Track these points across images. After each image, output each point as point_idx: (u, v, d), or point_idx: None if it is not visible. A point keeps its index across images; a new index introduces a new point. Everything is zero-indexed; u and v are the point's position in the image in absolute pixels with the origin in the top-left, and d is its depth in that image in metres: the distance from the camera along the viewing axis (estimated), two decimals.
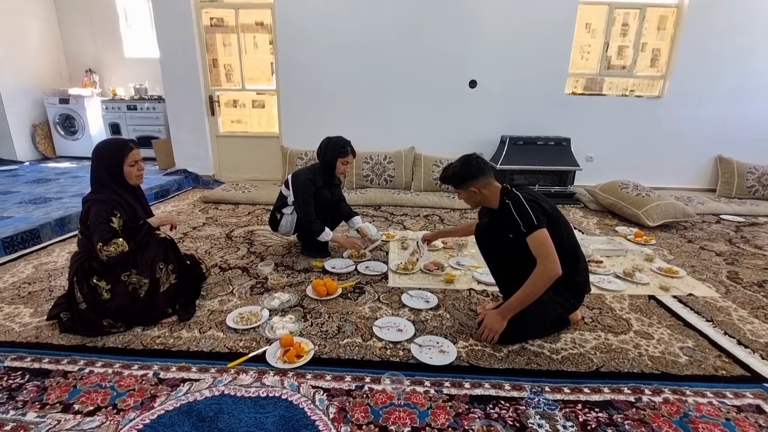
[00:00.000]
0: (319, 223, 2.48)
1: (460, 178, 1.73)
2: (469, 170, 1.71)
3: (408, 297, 2.09)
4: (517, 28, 4.35)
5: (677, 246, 3.02)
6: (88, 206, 1.74)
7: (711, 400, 1.42)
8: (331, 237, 2.53)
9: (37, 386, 1.42)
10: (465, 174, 1.71)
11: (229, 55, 4.81)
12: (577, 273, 1.72)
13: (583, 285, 1.77)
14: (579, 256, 1.73)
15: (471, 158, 1.74)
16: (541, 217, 1.57)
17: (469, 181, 1.71)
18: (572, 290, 1.73)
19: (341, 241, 2.66)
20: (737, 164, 4.52)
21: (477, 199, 1.76)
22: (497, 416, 1.32)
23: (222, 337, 1.73)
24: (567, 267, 1.62)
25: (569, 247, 1.68)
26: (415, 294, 2.12)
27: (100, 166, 1.78)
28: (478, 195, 1.73)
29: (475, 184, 1.71)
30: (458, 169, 1.73)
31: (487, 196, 1.73)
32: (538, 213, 1.57)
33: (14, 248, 2.64)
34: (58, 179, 4.41)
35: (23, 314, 1.89)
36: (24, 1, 5.34)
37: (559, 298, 1.69)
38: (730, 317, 1.98)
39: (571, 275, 1.66)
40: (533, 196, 1.65)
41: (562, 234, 1.65)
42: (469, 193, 1.74)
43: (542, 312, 1.69)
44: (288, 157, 4.54)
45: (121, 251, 1.68)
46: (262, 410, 1.32)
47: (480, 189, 1.71)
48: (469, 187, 1.72)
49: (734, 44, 4.39)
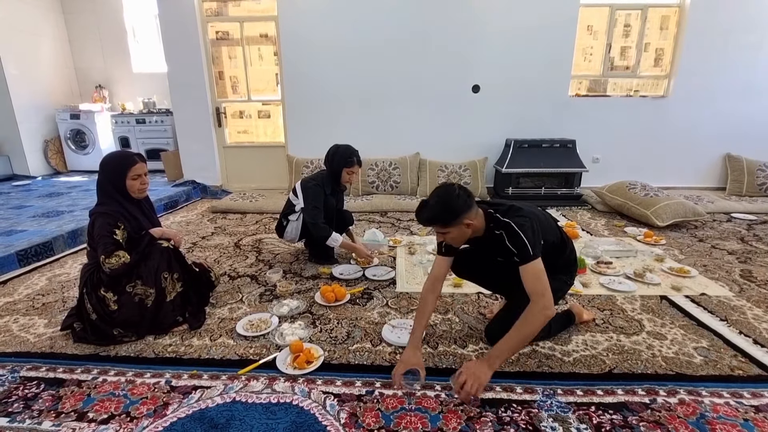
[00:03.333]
0: (327, 228, 2.48)
1: (453, 215, 1.44)
2: (459, 204, 1.44)
3: (389, 330, 1.82)
4: (519, 31, 4.38)
5: (688, 245, 2.98)
6: (93, 219, 1.78)
7: (728, 401, 1.39)
8: (341, 242, 2.52)
9: (52, 395, 1.44)
10: (457, 208, 1.43)
11: (235, 67, 4.90)
12: (568, 253, 1.72)
13: (575, 261, 1.76)
14: (565, 239, 1.71)
15: (453, 189, 1.46)
16: (538, 245, 1.42)
17: (463, 215, 1.44)
18: (565, 270, 1.72)
19: (350, 247, 2.63)
20: (746, 162, 4.47)
21: (467, 234, 1.52)
22: (509, 420, 1.31)
23: (232, 345, 1.74)
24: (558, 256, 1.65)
25: (556, 237, 1.65)
26: (398, 324, 1.86)
27: (105, 178, 1.81)
28: (470, 229, 1.49)
29: (468, 216, 1.46)
30: (446, 205, 1.44)
31: (477, 227, 1.51)
32: (533, 241, 1.41)
33: (28, 261, 2.69)
34: (70, 193, 4.50)
35: (38, 325, 1.92)
36: (36, 21, 5.50)
37: (555, 282, 1.52)
38: (745, 316, 1.95)
39: (565, 259, 1.69)
40: (527, 217, 1.47)
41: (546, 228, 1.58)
42: (461, 228, 1.47)
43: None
44: (294, 166, 4.58)
45: (123, 263, 1.71)
46: (274, 416, 1.32)
47: (472, 221, 1.47)
48: (463, 221, 1.45)
49: (739, 41, 4.37)
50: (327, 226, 2.48)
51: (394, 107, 4.66)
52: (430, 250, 2.82)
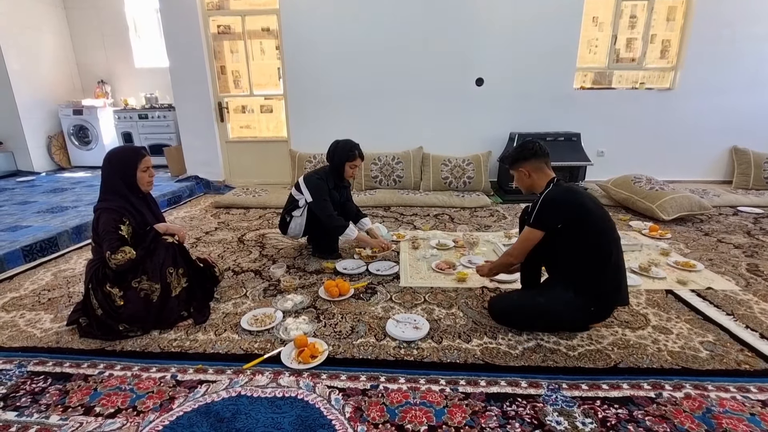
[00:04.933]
0: (341, 219, 2.48)
1: (513, 158, 1.83)
2: (522, 152, 1.80)
3: (394, 324, 1.82)
4: (523, 23, 4.33)
5: (694, 239, 2.96)
6: (98, 215, 1.78)
7: (734, 395, 1.38)
8: (356, 235, 2.52)
9: (59, 390, 1.46)
10: (518, 155, 1.81)
11: (237, 61, 4.88)
12: (603, 281, 1.66)
13: (609, 295, 1.69)
14: (609, 264, 1.64)
15: (529, 142, 1.82)
16: (545, 220, 1.66)
17: (520, 161, 1.81)
18: (594, 297, 1.67)
19: (367, 240, 2.62)
20: (754, 155, 4.42)
21: (526, 182, 1.83)
22: (514, 414, 1.31)
23: (237, 339, 1.75)
24: (589, 271, 1.64)
25: (596, 251, 1.64)
26: (402, 319, 1.87)
27: (113, 172, 1.81)
28: (528, 178, 1.81)
29: (525, 165, 1.79)
30: (516, 149, 1.84)
31: (535, 181, 1.80)
32: (545, 213, 1.65)
33: (33, 256, 2.70)
34: (74, 188, 4.51)
35: (44, 320, 1.94)
36: (38, 17, 5.49)
37: (577, 300, 1.66)
38: (752, 310, 1.93)
39: (594, 281, 1.65)
40: (558, 198, 1.67)
41: (587, 236, 1.63)
42: (519, 173, 1.83)
43: (558, 310, 1.70)
44: (297, 161, 4.57)
45: (128, 258, 1.71)
46: (279, 410, 1.33)
47: (530, 172, 1.79)
48: (519, 167, 1.81)
49: (746, 33, 4.30)
50: (340, 217, 2.50)
51: (396, 101, 4.63)
52: (433, 245, 2.81)
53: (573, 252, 1.67)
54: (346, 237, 2.52)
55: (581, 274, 1.67)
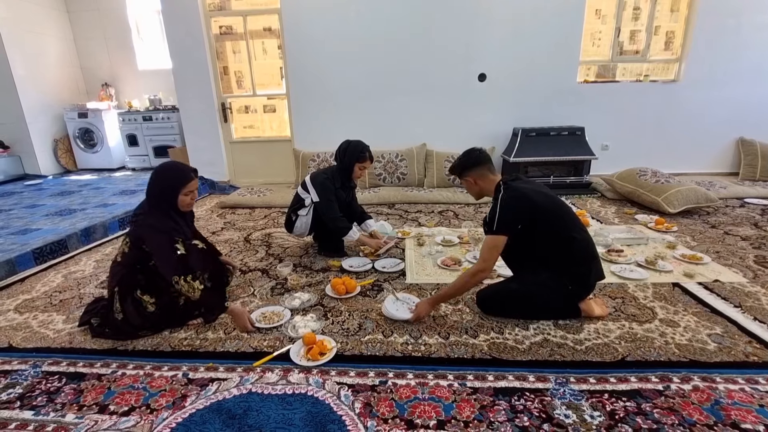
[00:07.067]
0: (345, 221, 2.50)
1: (459, 169, 1.90)
2: (466, 161, 1.87)
3: (392, 300, 1.93)
4: (525, 17, 4.31)
5: (700, 232, 2.94)
6: (147, 233, 1.75)
7: (743, 387, 1.38)
8: (358, 237, 2.55)
9: (73, 389, 1.48)
10: (462, 164, 1.88)
11: (239, 61, 4.89)
12: (570, 260, 1.74)
13: (581, 270, 1.76)
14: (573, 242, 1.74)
15: (472, 151, 1.89)
16: (507, 225, 1.68)
17: (465, 171, 1.87)
18: (567, 275, 1.75)
19: (366, 241, 2.64)
20: (761, 146, 4.38)
21: (475, 189, 1.89)
22: (522, 408, 1.32)
23: (246, 337, 1.77)
24: (556, 253, 1.73)
25: (557, 237, 1.73)
26: (403, 298, 1.97)
27: (158, 190, 1.80)
28: (475, 185, 1.87)
29: (470, 174, 1.85)
30: (458, 159, 1.91)
31: (483, 187, 1.86)
32: (504, 219, 1.67)
33: (44, 259, 2.74)
34: (81, 191, 4.56)
35: (56, 321, 1.97)
36: (42, 22, 5.53)
37: (553, 283, 1.74)
38: (760, 302, 1.93)
39: (562, 261, 1.73)
40: (516, 198, 1.70)
41: (547, 227, 1.72)
42: (467, 182, 1.89)
43: (531, 292, 1.77)
44: (300, 160, 4.59)
45: (189, 294, 1.74)
46: (289, 407, 1.34)
47: (475, 179, 1.85)
48: (466, 176, 1.87)
49: (752, 23, 4.25)
50: (344, 219, 2.52)
51: (399, 98, 4.63)
52: (438, 242, 2.82)
53: (537, 242, 1.74)
54: (348, 239, 2.54)
55: (549, 258, 1.75)
